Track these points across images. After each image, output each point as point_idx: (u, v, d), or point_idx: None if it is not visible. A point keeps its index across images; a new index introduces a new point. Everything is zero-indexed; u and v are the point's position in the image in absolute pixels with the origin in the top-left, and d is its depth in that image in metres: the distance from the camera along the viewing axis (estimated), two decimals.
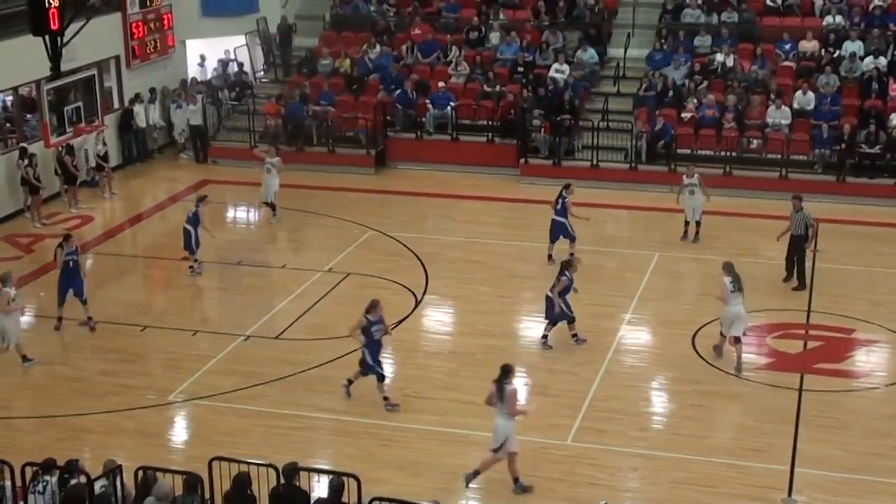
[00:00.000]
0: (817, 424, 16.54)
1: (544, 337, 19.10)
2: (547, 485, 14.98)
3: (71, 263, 19.86)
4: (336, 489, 12.29)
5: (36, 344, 19.47)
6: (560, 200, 22.40)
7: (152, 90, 30.22)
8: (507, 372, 14.74)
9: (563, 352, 18.96)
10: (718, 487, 14.90)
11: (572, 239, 22.43)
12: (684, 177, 23.55)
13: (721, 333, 18.33)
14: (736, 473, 15.16)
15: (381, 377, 17.02)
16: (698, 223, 23.54)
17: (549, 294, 18.85)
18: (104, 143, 27.49)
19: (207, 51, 32.43)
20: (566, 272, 18.79)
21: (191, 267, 22.33)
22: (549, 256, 22.53)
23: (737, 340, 18.03)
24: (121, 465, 12.79)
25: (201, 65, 32.20)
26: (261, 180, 25.36)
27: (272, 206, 25.37)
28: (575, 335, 19.05)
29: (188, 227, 22.21)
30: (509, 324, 20.46)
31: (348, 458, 15.32)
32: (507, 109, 28.95)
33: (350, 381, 17.18)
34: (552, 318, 18.95)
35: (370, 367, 16.95)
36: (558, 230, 22.47)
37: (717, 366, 18.20)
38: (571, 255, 21.65)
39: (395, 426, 16.48)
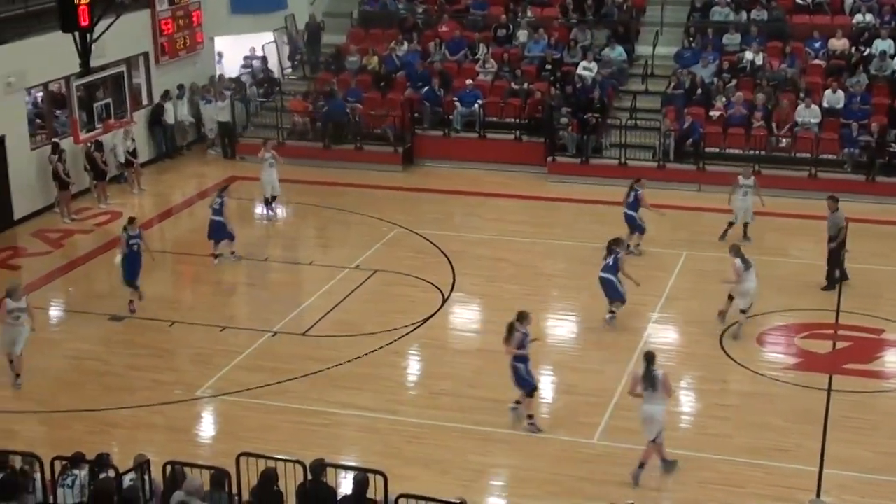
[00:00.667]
0: (846, 425, 16.45)
1: (611, 312, 19.45)
2: (574, 483, 14.96)
3: (136, 247, 20.21)
4: (360, 484, 12.32)
5: (66, 339, 19.65)
6: (632, 193, 22.40)
7: (180, 86, 30.36)
8: (652, 358, 14.84)
9: (591, 350, 18.94)
10: (746, 487, 14.84)
11: (641, 231, 22.54)
12: (740, 177, 23.28)
13: (729, 297, 19.17)
14: (763, 474, 15.09)
15: (533, 391, 16.35)
16: (746, 224, 23.38)
17: (610, 275, 19.21)
18: (133, 139, 27.65)
19: (235, 48, 32.53)
20: (617, 249, 19.24)
21: (232, 252, 22.73)
22: (636, 248, 22.59)
23: (742, 312, 19.09)
24: (149, 460, 12.86)
25: (219, 63, 32.27)
26: (289, 176, 25.40)
27: (270, 202, 25.43)
28: (612, 314, 19.42)
29: (216, 218, 22.42)
30: (536, 322, 20.33)
31: (375, 454, 15.34)
32: (535, 107, 28.92)
33: (519, 403, 16.42)
34: (617, 297, 19.39)
35: (524, 380, 16.32)
36: (629, 223, 22.47)
37: (746, 365, 18.13)
38: (637, 245, 22.28)
39: (421, 423, 16.50)
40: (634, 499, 14.38)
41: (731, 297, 19.31)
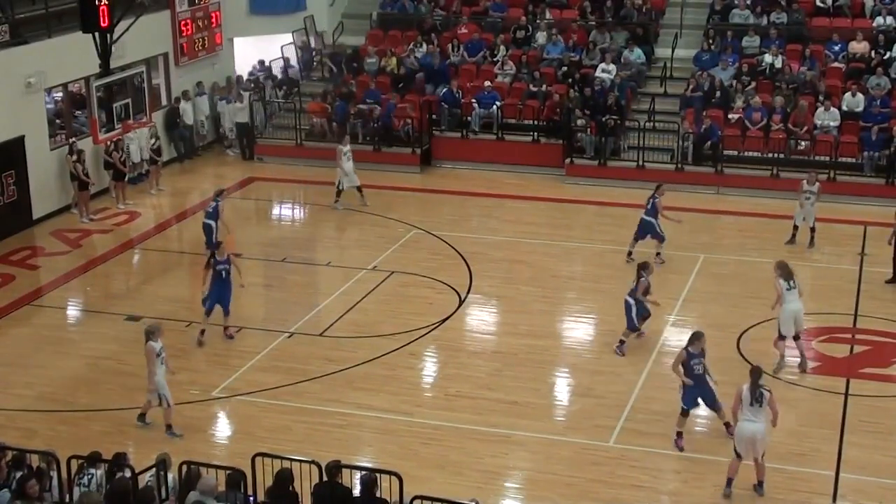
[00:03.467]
0: (863, 430, 16.38)
1: (620, 342, 18.79)
2: (589, 486, 14.94)
3: (223, 273, 19.22)
4: (367, 484, 12.33)
5: (84, 338, 19.74)
6: (651, 201, 22.15)
7: (199, 84, 30.46)
8: (759, 374, 14.49)
9: (607, 353, 18.90)
10: (763, 491, 14.79)
11: (661, 239, 22.26)
12: (804, 182, 23.07)
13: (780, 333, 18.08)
14: (781, 478, 15.02)
15: (685, 413, 15.86)
16: (812, 229, 23.16)
17: (629, 298, 18.70)
18: (157, 138, 27.76)
19: (254, 49, 32.60)
20: (643, 273, 18.66)
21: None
22: (629, 254, 22.37)
23: (796, 338, 18.00)
24: (165, 459, 12.89)
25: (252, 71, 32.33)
26: (307, 177, 25.43)
27: (360, 189, 25.90)
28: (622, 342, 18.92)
29: (208, 221, 22.48)
30: (552, 324, 20.42)
31: (390, 456, 15.34)
32: (553, 109, 28.89)
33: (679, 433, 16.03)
34: (631, 326, 18.77)
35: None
36: (646, 229, 22.23)
37: (763, 369, 18.01)
38: (657, 254, 22.02)
39: (437, 425, 16.50)
40: (649, 503, 14.35)
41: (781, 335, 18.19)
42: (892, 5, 30.00)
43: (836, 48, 29.41)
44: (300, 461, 12.88)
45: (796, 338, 18.01)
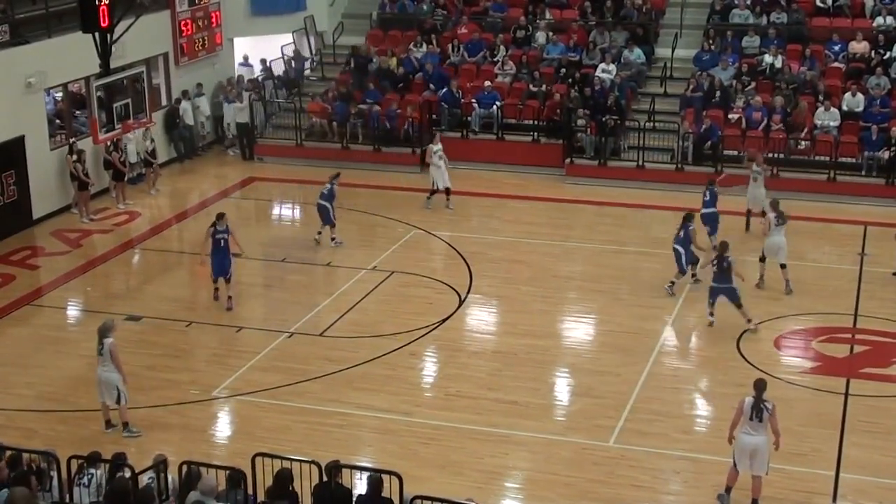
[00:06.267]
0: (863, 430, 16.38)
1: (671, 283, 20.84)
2: (589, 486, 14.94)
3: (222, 242, 20.52)
4: (374, 484, 12.33)
5: (83, 339, 19.68)
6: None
7: (199, 85, 30.46)
8: (763, 388, 14.13)
9: (607, 353, 18.91)
10: (762, 491, 14.76)
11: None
12: (753, 163, 23.61)
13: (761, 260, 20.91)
14: (780, 478, 15.00)
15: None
16: (758, 213, 23.49)
17: (678, 246, 20.66)
18: (152, 140, 27.75)
19: (253, 49, 32.60)
20: (689, 223, 20.64)
21: (333, 238, 23.64)
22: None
23: (783, 267, 20.71)
24: (166, 459, 12.90)
25: (244, 64, 32.29)
26: (307, 177, 25.42)
27: (447, 192, 26.00)
28: (694, 275, 21.03)
29: (323, 202, 23.40)
30: (552, 324, 20.42)
31: (390, 455, 15.35)
32: (553, 109, 28.90)
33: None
34: (682, 269, 20.80)
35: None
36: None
37: (763, 369, 18.03)
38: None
39: (437, 425, 16.49)
40: (649, 503, 14.34)
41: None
42: (891, 5, 29.98)
43: (836, 48, 29.40)
44: (300, 461, 12.87)
45: (783, 266, 20.69)
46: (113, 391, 16.11)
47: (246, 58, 32.33)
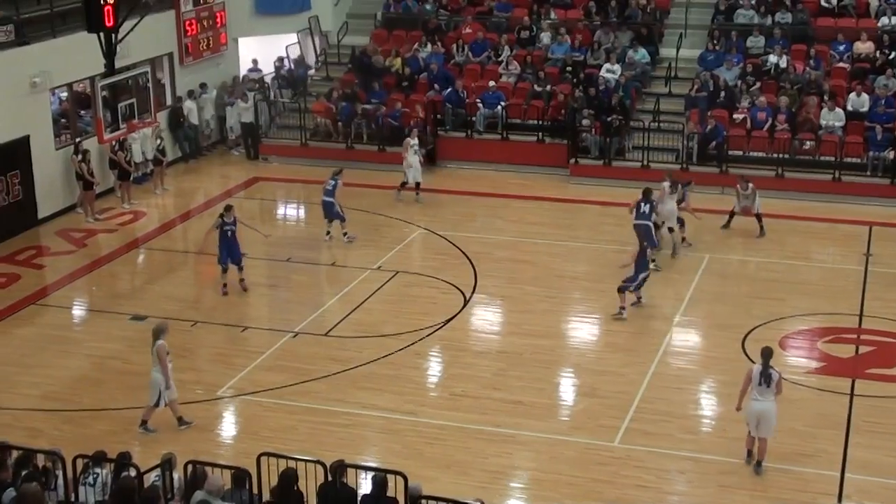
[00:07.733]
0: (868, 430, 16.35)
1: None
2: (593, 486, 14.94)
3: (229, 233, 21.00)
4: (379, 484, 12.34)
5: (89, 338, 19.75)
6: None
7: (203, 85, 30.48)
8: (770, 355, 15.04)
9: (611, 353, 18.91)
10: (767, 492, 14.78)
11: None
12: (738, 187, 23.46)
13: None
14: (785, 478, 15.02)
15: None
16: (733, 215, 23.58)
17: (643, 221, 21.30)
18: (161, 138, 27.79)
19: (258, 49, 32.61)
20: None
21: (345, 233, 23.80)
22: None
23: (670, 231, 22.34)
24: (171, 458, 12.90)
25: (254, 70, 32.21)
26: (312, 177, 25.45)
27: (417, 186, 26.40)
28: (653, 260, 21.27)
29: (328, 198, 23.45)
30: (557, 324, 20.41)
31: (395, 455, 15.36)
32: (558, 109, 28.89)
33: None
34: (654, 242, 21.46)
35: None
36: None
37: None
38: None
39: (441, 425, 16.49)
40: (654, 503, 14.33)
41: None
42: None
43: (841, 48, 29.37)
44: (305, 461, 12.88)
45: (670, 230, 22.26)
46: (154, 392, 16.17)
47: (255, 62, 32.24)
